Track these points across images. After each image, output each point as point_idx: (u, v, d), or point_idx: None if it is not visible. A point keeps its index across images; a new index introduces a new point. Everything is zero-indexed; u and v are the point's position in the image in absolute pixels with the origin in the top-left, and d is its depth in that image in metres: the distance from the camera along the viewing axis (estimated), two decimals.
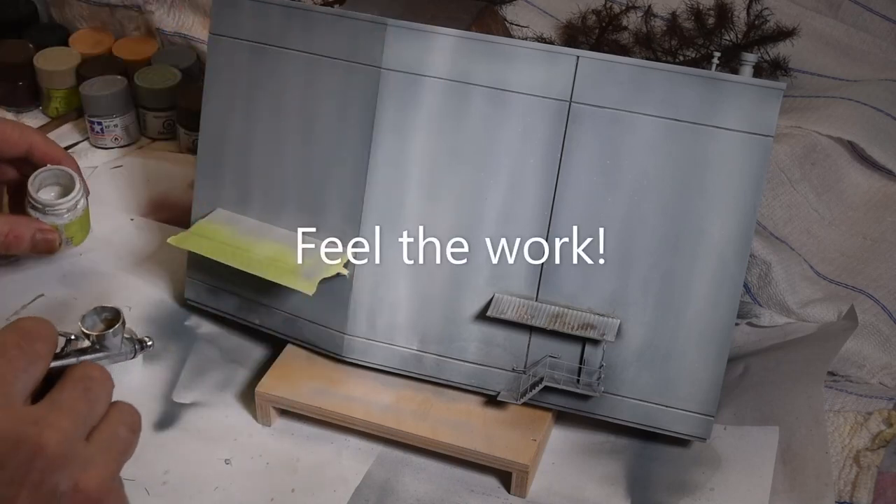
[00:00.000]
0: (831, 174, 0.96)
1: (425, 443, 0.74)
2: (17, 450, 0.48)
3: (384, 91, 0.75)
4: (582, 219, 0.73)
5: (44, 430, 0.49)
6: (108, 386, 0.55)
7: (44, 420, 0.50)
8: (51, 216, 0.81)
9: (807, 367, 0.80)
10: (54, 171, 0.82)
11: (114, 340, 0.65)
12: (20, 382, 0.51)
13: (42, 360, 0.53)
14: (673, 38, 1.04)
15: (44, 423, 0.49)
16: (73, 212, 0.82)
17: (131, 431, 0.54)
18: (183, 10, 1.13)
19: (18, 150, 0.81)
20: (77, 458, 0.50)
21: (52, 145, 0.83)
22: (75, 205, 0.82)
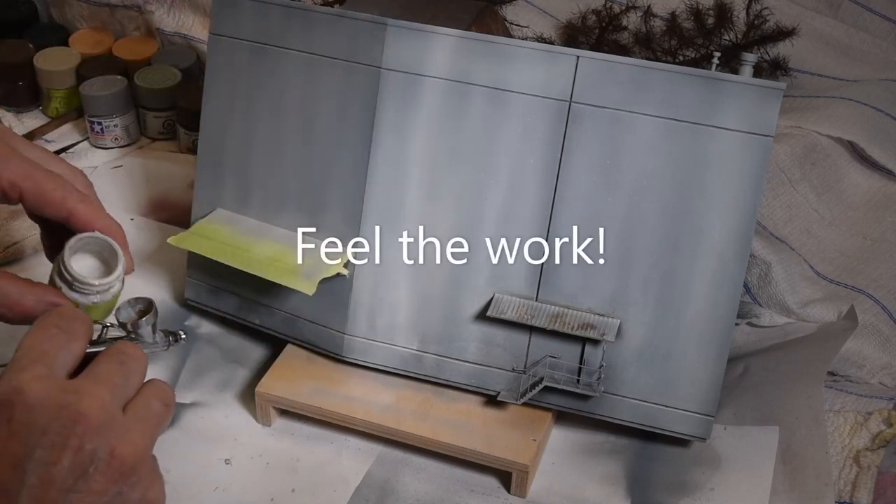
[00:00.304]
0: (831, 174, 0.96)
1: (425, 443, 0.74)
2: (58, 416, 0.51)
3: (384, 91, 0.75)
4: (582, 219, 0.73)
5: (83, 398, 0.51)
6: (142, 362, 0.58)
7: (84, 389, 0.52)
8: (76, 293, 0.66)
9: (807, 367, 0.80)
10: (97, 240, 0.67)
11: (147, 329, 0.65)
12: (61, 358, 0.54)
13: (81, 339, 0.56)
14: (673, 38, 1.04)
15: (84, 392, 0.52)
16: (102, 294, 0.67)
17: (164, 405, 0.57)
18: (183, 10, 1.13)
19: (56, 214, 0.66)
20: (114, 427, 0.52)
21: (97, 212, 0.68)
22: (108, 288, 0.67)
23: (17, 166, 0.64)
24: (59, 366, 0.54)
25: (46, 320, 0.56)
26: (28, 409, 0.51)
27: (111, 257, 0.67)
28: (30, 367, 0.52)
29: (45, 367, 0.53)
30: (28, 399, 0.51)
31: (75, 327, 0.56)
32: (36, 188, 0.64)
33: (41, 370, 0.52)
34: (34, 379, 0.51)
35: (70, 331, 0.56)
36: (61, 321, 0.56)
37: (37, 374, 0.52)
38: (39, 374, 0.52)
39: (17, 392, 0.51)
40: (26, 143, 0.67)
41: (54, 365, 0.53)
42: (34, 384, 0.51)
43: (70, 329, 0.56)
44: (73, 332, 0.56)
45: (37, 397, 0.51)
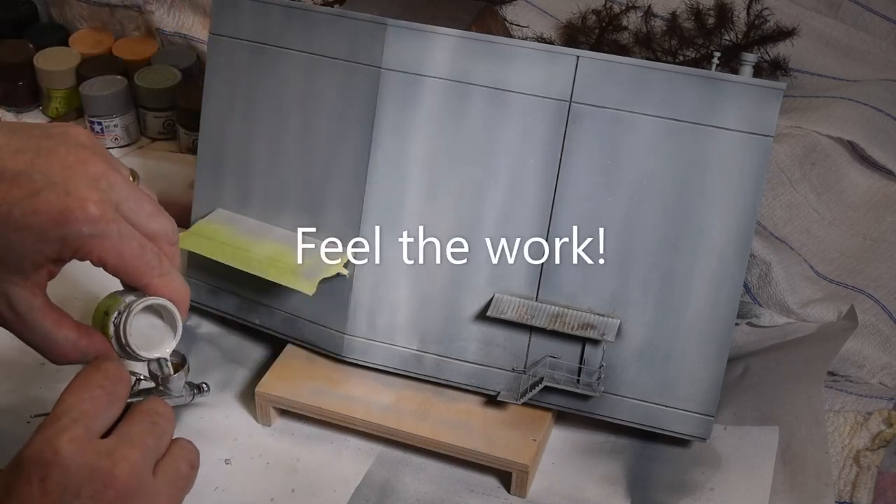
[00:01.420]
0: (831, 174, 0.96)
1: (425, 443, 0.74)
2: (92, 480, 0.52)
3: (384, 91, 0.75)
4: (582, 219, 0.73)
5: (117, 462, 0.53)
6: (172, 421, 0.58)
7: (117, 452, 0.53)
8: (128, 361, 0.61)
9: (807, 367, 0.80)
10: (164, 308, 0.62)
11: (178, 384, 0.67)
12: (100, 420, 0.55)
13: (121, 402, 0.57)
14: (673, 38, 1.04)
15: (117, 456, 0.53)
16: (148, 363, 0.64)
17: (191, 468, 0.58)
18: (183, 10, 1.13)
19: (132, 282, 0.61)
20: (145, 491, 0.53)
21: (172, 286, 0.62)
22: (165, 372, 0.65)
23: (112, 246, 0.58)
24: (97, 427, 0.55)
25: (91, 377, 0.57)
26: (63, 470, 0.51)
27: (169, 320, 0.62)
28: (69, 427, 0.53)
29: (83, 429, 0.53)
30: (64, 460, 0.52)
31: (119, 390, 0.57)
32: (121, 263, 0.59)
33: (79, 431, 0.53)
34: (72, 440, 0.52)
35: (113, 393, 0.56)
36: (106, 382, 0.57)
37: (75, 436, 0.53)
38: (77, 436, 0.53)
39: (54, 452, 0.52)
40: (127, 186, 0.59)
41: (93, 426, 0.54)
42: (71, 446, 0.52)
43: (113, 392, 0.56)
44: (115, 394, 0.56)
45: (72, 459, 0.52)
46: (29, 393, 0.78)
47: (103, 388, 0.56)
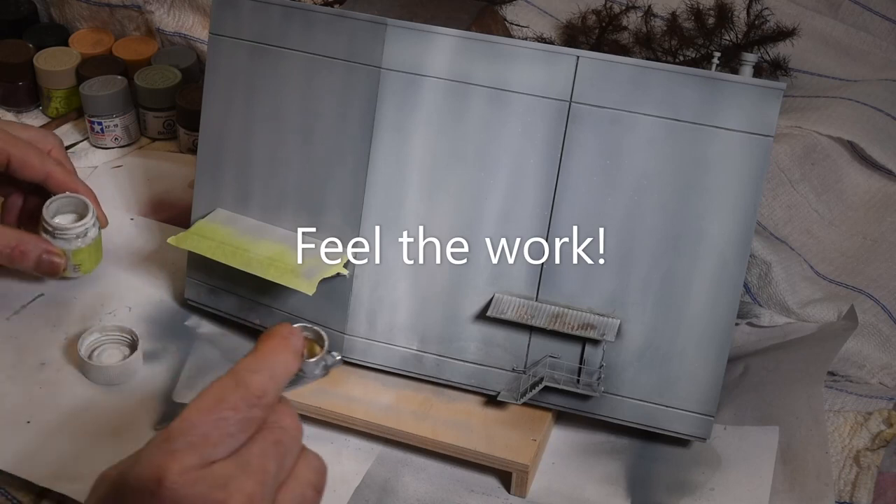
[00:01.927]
0: (831, 174, 0.96)
1: (425, 443, 0.74)
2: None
3: (384, 91, 0.75)
4: (582, 219, 0.73)
5: (231, 495, 0.46)
6: (299, 437, 0.51)
7: (232, 484, 0.47)
8: (60, 240, 0.82)
9: (807, 367, 0.80)
10: (71, 198, 0.84)
11: (313, 370, 0.60)
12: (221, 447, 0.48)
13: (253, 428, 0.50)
14: (673, 38, 1.04)
15: (232, 488, 0.46)
16: (82, 238, 0.83)
17: (317, 492, 0.51)
18: (183, 10, 1.13)
19: (36, 177, 0.83)
20: None
21: (70, 176, 0.85)
22: (85, 232, 0.83)
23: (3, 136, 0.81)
24: (216, 455, 0.48)
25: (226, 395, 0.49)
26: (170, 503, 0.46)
27: (83, 211, 0.83)
28: (182, 454, 0.46)
29: (198, 458, 0.47)
30: (169, 493, 0.45)
31: (254, 414, 0.49)
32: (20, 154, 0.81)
33: (193, 461, 0.46)
34: (182, 471, 0.46)
35: (246, 419, 0.49)
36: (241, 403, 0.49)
37: (186, 466, 0.46)
38: (189, 466, 0.46)
39: (159, 482, 0.46)
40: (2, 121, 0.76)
41: (210, 454, 0.47)
42: (181, 477, 0.46)
43: (247, 417, 0.49)
44: (248, 420, 0.49)
45: (180, 492, 0.46)
46: (29, 393, 0.78)
47: (236, 410, 0.49)
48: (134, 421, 0.77)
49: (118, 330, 0.82)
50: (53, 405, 0.77)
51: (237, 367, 0.51)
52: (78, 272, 0.85)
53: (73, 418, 0.76)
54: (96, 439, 0.75)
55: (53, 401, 0.78)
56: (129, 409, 0.78)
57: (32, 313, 0.85)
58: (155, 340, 0.84)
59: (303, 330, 0.58)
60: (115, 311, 0.86)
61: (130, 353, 0.81)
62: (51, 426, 0.76)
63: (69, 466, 0.72)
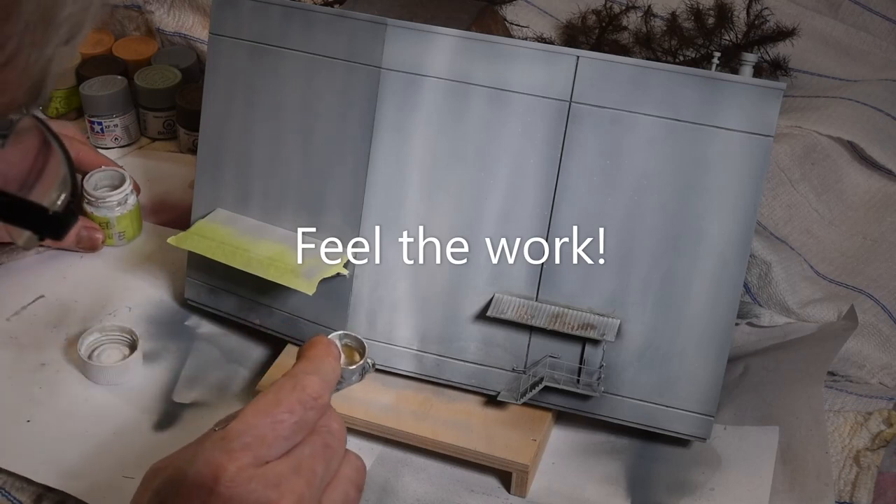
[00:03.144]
0: (831, 174, 0.96)
1: (425, 443, 0.74)
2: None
3: (384, 91, 0.75)
4: (582, 219, 0.73)
5: (283, 495, 0.48)
6: (343, 439, 0.54)
7: (284, 484, 0.49)
8: (103, 209, 0.90)
9: (807, 367, 0.80)
10: (108, 171, 0.92)
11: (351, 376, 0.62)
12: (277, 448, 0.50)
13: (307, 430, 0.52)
14: (673, 38, 1.04)
15: (284, 488, 0.49)
16: (123, 206, 0.91)
17: (358, 491, 0.53)
18: (183, 10, 1.13)
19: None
20: None
21: (97, 154, 0.93)
22: (125, 199, 0.91)
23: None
24: (271, 455, 0.50)
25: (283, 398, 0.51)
26: (225, 501, 0.48)
27: (121, 182, 0.91)
28: (238, 454, 0.49)
29: (254, 458, 0.49)
30: (226, 491, 0.48)
31: (309, 417, 0.52)
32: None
33: (249, 460, 0.49)
34: (239, 470, 0.48)
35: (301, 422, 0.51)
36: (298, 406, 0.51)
37: (243, 465, 0.48)
38: (245, 465, 0.48)
39: (216, 480, 0.48)
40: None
41: (265, 455, 0.50)
42: (238, 475, 0.48)
43: (302, 419, 0.51)
44: (303, 422, 0.51)
45: (236, 490, 0.48)
46: (29, 393, 0.78)
47: (292, 412, 0.51)
48: (134, 421, 0.77)
49: (118, 330, 0.82)
50: (53, 405, 0.77)
51: (293, 371, 0.53)
52: (123, 240, 0.92)
53: (73, 418, 0.76)
54: (96, 439, 0.75)
55: (53, 401, 0.78)
56: (129, 409, 0.78)
57: (32, 314, 0.85)
58: (155, 340, 0.84)
59: (343, 337, 0.61)
60: (115, 311, 0.86)
61: (130, 353, 0.81)
62: (51, 426, 0.76)
63: (69, 466, 0.72)
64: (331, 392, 0.54)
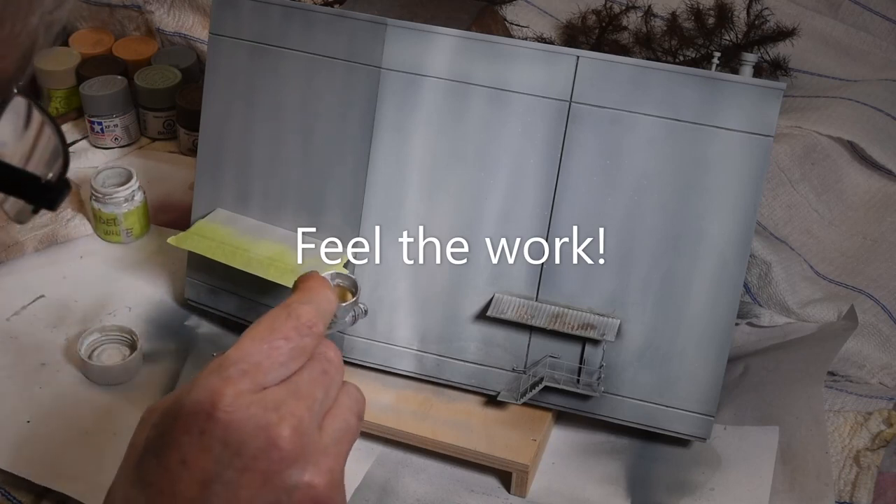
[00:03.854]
0: (831, 174, 0.96)
1: (425, 443, 0.74)
2: (255, 438, 0.47)
3: (384, 91, 0.75)
4: (582, 219, 0.73)
5: (283, 419, 0.48)
6: (341, 368, 0.53)
7: (283, 407, 0.48)
8: (111, 205, 0.91)
9: (807, 367, 0.80)
10: (116, 168, 0.93)
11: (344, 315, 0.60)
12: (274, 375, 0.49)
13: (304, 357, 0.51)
14: (673, 38, 1.04)
15: (284, 412, 0.48)
16: (130, 202, 0.91)
17: (358, 419, 0.53)
18: (183, 10, 1.13)
19: None
20: (310, 452, 0.49)
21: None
22: (132, 195, 0.92)
23: None
24: (268, 381, 0.49)
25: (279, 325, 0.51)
26: (224, 426, 0.47)
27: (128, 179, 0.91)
28: (236, 380, 0.48)
29: (251, 383, 0.48)
30: (224, 416, 0.47)
31: (305, 344, 0.51)
32: None
33: (247, 385, 0.48)
34: (237, 395, 0.47)
35: (297, 348, 0.50)
36: (293, 333, 0.51)
37: (240, 390, 0.48)
38: (243, 390, 0.48)
39: (214, 405, 0.47)
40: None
41: (262, 381, 0.49)
42: (235, 400, 0.47)
43: (298, 346, 0.51)
44: (299, 349, 0.51)
45: (234, 415, 0.47)
46: (29, 393, 0.78)
47: (288, 339, 0.50)
48: (134, 421, 0.76)
49: (118, 330, 0.82)
50: (53, 405, 0.77)
51: (288, 301, 0.53)
52: (131, 236, 0.92)
53: (73, 418, 0.76)
54: (96, 439, 0.75)
55: (53, 401, 0.78)
56: (129, 409, 0.78)
57: (32, 314, 0.85)
58: (155, 340, 0.84)
59: (335, 277, 0.60)
60: (115, 311, 0.86)
61: (130, 353, 0.81)
62: (51, 426, 0.76)
63: (69, 466, 0.72)
64: (326, 322, 0.53)
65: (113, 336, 0.82)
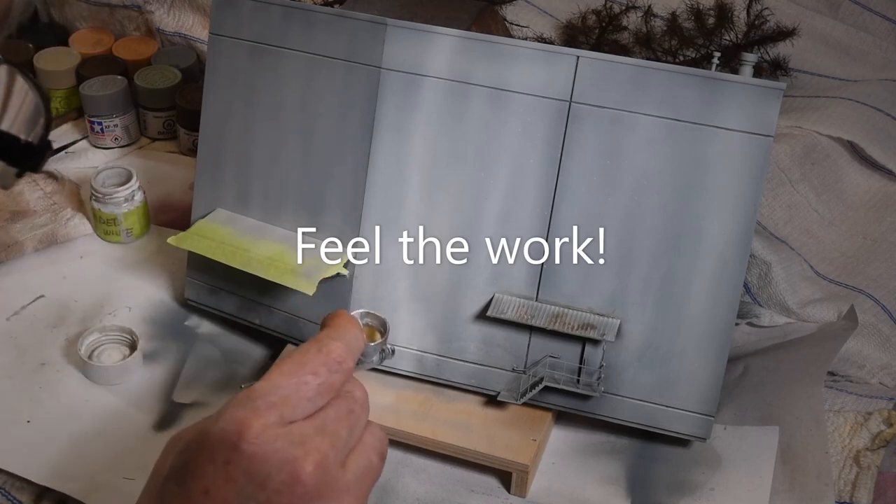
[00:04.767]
0: (831, 174, 0.96)
1: (425, 443, 0.74)
2: (279, 471, 0.47)
3: (384, 91, 0.75)
4: (582, 219, 0.73)
5: (308, 454, 0.48)
6: (367, 407, 0.53)
7: (309, 443, 0.48)
8: (110, 205, 0.91)
9: (807, 367, 0.80)
10: (116, 168, 0.93)
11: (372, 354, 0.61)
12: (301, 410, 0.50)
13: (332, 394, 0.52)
14: (673, 38, 1.04)
15: (309, 447, 0.48)
16: (130, 202, 0.91)
17: (381, 459, 0.53)
18: (183, 10, 1.13)
19: None
20: (333, 488, 0.49)
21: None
22: (132, 195, 0.92)
23: None
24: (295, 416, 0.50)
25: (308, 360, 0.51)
26: (249, 458, 0.47)
27: (128, 179, 0.91)
28: (263, 412, 0.48)
29: (278, 417, 0.49)
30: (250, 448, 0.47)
31: (334, 381, 0.51)
32: None
33: (273, 418, 0.48)
34: (264, 427, 0.48)
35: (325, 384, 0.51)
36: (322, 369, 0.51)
37: (268, 423, 0.48)
38: (270, 423, 0.48)
39: (240, 436, 0.47)
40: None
41: (289, 415, 0.49)
42: (262, 433, 0.48)
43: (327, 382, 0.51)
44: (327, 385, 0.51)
45: (260, 448, 0.47)
46: (29, 393, 0.78)
47: (317, 375, 0.51)
48: (134, 421, 0.77)
49: (118, 330, 0.82)
50: (53, 405, 0.77)
51: (318, 336, 0.53)
52: (131, 236, 0.92)
53: (73, 418, 0.76)
54: (96, 439, 0.75)
55: (53, 401, 0.78)
56: (129, 409, 0.78)
57: (32, 314, 0.85)
58: (155, 340, 0.84)
59: (365, 316, 0.60)
60: (115, 311, 0.86)
61: (130, 353, 0.81)
62: (51, 426, 0.76)
63: (69, 466, 0.72)
64: (355, 360, 0.54)
65: (113, 336, 0.82)
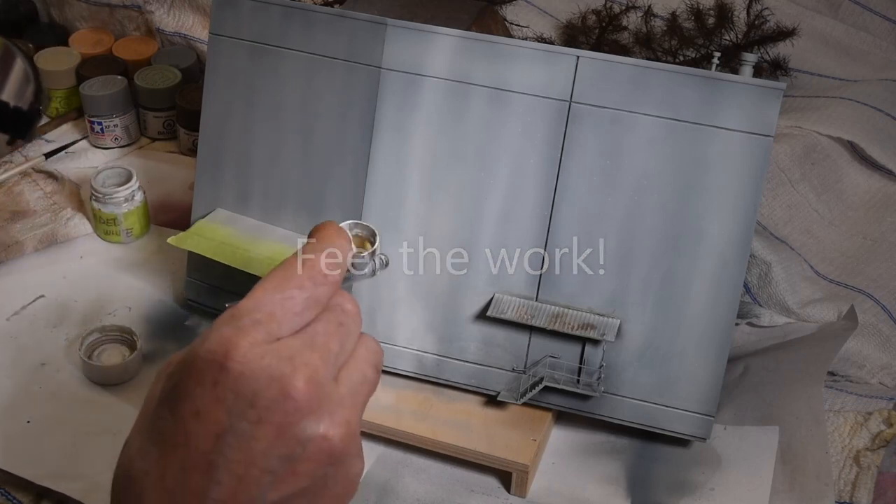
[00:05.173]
0: (831, 174, 0.96)
1: (425, 443, 0.74)
2: (268, 388, 0.46)
3: (384, 91, 0.75)
4: (582, 219, 0.73)
5: (297, 369, 0.46)
6: (358, 320, 0.52)
7: (298, 358, 0.47)
8: (110, 205, 0.91)
9: (807, 367, 0.80)
10: (116, 168, 0.93)
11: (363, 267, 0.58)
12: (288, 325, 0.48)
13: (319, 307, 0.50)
14: (673, 38, 1.04)
15: (298, 362, 0.47)
16: (130, 202, 0.92)
17: (376, 371, 0.51)
18: (183, 10, 1.13)
19: None
20: (325, 403, 0.48)
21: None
22: (132, 195, 0.92)
23: None
24: (282, 332, 0.48)
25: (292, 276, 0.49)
26: (237, 376, 0.46)
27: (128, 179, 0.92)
28: (249, 330, 0.47)
29: (265, 333, 0.47)
30: (237, 367, 0.46)
31: (320, 294, 0.50)
32: None
33: (260, 336, 0.47)
34: (251, 346, 0.46)
35: (311, 298, 0.49)
36: (308, 283, 0.49)
37: (254, 340, 0.47)
38: (257, 341, 0.47)
39: (227, 356, 0.46)
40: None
41: (276, 331, 0.48)
42: (249, 351, 0.46)
43: (313, 296, 0.49)
44: (314, 300, 0.49)
45: (248, 366, 0.46)
46: (29, 393, 0.78)
47: (302, 289, 0.49)
48: (134, 421, 0.77)
49: (118, 330, 0.82)
50: (53, 405, 0.77)
51: (303, 248, 0.52)
52: (131, 236, 0.92)
53: (73, 418, 0.76)
54: (96, 439, 0.75)
55: (53, 401, 0.78)
56: (129, 409, 0.78)
57: (32, 314, 0.85)
58: (155, 340, 0.84)
59: (354, 227, 0.58)
60: (115, 311, 0.86)
61: (130, 353, 0.81)
62: (51, 426, 0.76)
63: (69, 466, 0.72)
64: (343, 271, 0.52)
65: (113, 336, 0.82)
